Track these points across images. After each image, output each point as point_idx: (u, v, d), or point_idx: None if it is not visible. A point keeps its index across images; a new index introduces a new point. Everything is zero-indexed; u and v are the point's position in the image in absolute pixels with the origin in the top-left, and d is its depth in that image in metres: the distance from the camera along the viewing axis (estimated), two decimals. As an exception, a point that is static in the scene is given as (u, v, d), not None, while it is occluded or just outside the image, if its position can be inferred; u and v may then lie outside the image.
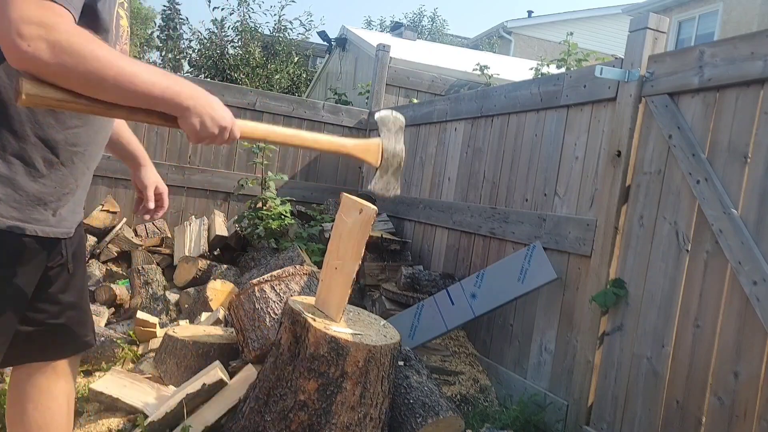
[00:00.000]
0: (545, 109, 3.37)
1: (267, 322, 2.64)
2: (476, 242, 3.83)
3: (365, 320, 2.39)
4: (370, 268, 4.24)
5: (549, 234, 3.16)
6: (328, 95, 9.04)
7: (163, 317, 3.87)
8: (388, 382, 2.22)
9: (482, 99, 3.95)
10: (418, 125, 4.80)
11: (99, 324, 3.46)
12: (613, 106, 2.86)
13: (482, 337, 3.65)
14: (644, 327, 2.57)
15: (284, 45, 14.12)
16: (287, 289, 2.78)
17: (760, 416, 2.09)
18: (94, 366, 3.13)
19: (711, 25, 13.19)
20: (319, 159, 5.76)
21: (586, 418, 2.80)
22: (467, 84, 6.86)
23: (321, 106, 5.75)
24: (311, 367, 2.09)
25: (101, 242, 4.65)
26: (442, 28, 26.45)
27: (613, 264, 2.76)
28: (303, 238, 4.54)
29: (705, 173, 2.36)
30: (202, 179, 5.32)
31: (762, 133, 2.19)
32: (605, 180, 2.85)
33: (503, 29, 19.03)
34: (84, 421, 2.49)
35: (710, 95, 2.41)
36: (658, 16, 2.77)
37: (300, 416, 2.10)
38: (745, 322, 2.17)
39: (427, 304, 3.46)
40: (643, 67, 2.71)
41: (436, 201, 4.36)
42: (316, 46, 16.35)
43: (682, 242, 2.45)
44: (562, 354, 3.02)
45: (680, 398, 2.38)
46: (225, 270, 4.26)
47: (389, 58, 6.47)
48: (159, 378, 2.81)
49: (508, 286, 3.20)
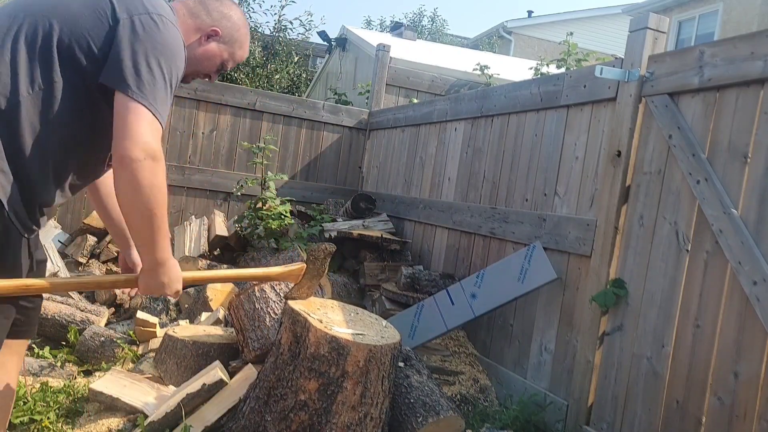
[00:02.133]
0: (545, 109, 3.37)
1: (267, 322, 2.64)
2: (476, 242, 3.83)
3: (365, 320, 2.39)
4: (370, 268, 4.24)
5: (549, 234, 3.16)
6: (328, 95, 9.04)
7: (163, 317, 3.86)
8: (389, 382, 2.22)
9: (482, 99, 3.95)
10: (418, 125, 4.80)
11: (99, 324, 3.46)
12: (613, 106, 2.86)
13: (482, 337, 3.65)
14: (644, 327, 2.57)
15: (284, 45, 14.10)
16: (287, 289, 2.78)
17: (760, 416, 2.09)
18: (94, 366, 3.13)
19: (711, 25, 13.18)
20: (319, 159, 5.76)
21: (586, 418, 2.80)
22: (467, 84, 6.86)
23: (321, 106, 5.75)
24: (312, 366, 2.09)
25: (101, 242, 4.65)
26: (442, 28, 26.42)
27: (613, 264, 2.76)
28: (303, 238, 4.54)
29: (705, 173, 2.36)
30: (202, 179, 5.32)
31: (762, 133, 2.19)
32: (605, 180, 2.85)
33: (503, 29, 19.02)
34: (84, 421, 2.49)
35: (710, 95, 2.41)
36: (658, 16, 2.77)
37: (300, 416, 2.10)
38: (745, 322, 2.17)
39: (427, 304, 3.46)
40: (643, 67, 2.71)
41: (436, 201, 4.36)
42: (316, 46, 16.34)
43: (682, 242, 2.45)
44: (562, 354, 3.02)
45: (680, 398, 2.38)
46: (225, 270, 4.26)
47: (389, 58, 6.47)
48: (159, 378, 2.81)
49: (508, 286, 3.20)
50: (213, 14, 1.79)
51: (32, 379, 2.85)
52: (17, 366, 1.84)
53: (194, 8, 1.78)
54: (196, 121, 5.32)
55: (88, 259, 4.57)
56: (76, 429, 2.43)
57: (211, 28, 1.78)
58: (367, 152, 5.81)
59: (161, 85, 1.51)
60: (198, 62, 1.80)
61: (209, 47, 1.79)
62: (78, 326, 3.38)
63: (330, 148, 5.78)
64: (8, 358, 1.77)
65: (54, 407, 2.52)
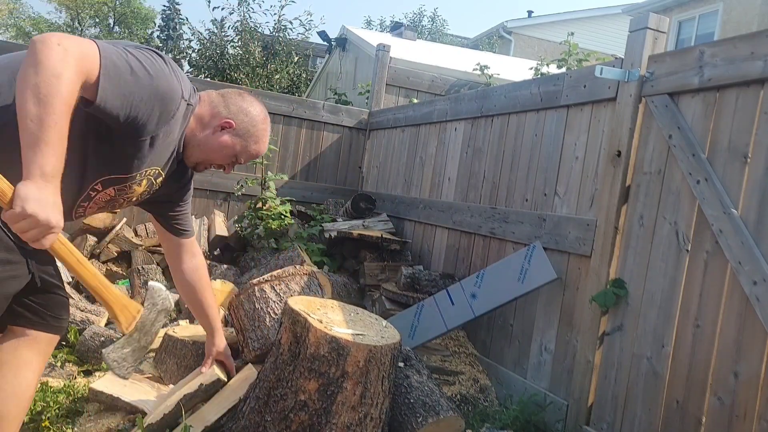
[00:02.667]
0: (545, 109, 3.37)
1: (267, 322, 2.64)
2: (476, 242, 3.83)
3: (365, 320, 2.39)
4: (370, 268, 4.24)
5: (549, 234, 3.16)
6: (328, 95, 9.04)
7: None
8: (389, 382, 2.22)
9: (482, 99, 3.95)
10: (418, 125, 4.80)
11: (99, 324, 3.46)
12: (613, 106, 2.86)
13: (482, 337, 3.65)
14: (644, 327, 2.57)
15: (284, 45, 14.11)
16: (287, 289, 2.78)
17: (760, 416, 2.09)
18: (94, 366, 3.13)
19: (711, 25, 13.18)
20: (319, 159, 5.76)
21: (586, 418, 2.80)
22: (467, 84, 6.86)
23: (321, 106, 5.75)
24: (312, 367, 2.09)
25: (101, 242, 4.65)
26: (442, 28, 26.44)
27: (613, 264, 2.76)
28: (303, 238, 4.54)
29: (705, 173, 2.36)
30: (202, 179, 5.32)
31: (762, 133, 2.19)
32: (605, 180, 2.85)
33: (503, 29, 19.03)
34: (84, 420, 2.49)
35: (710, 95, 2.41)
36: (658, 16, 2.77)
37: (300, 416, 2.10)
38: (745, 322, 2.17)
39: (427, 304, 3.46)
40: (643, 67, 2.71)
41: (436, 201, 4.36)
42: (316, 46, 16.35)
43: (682, 242, 2.45)
44: (562, 354, 3.02)
45: (680, 398, 2.38)
46: (225, 270, 4.26)
47: (389, 58, 6.48)
48: (159, 378, 2.81)
49: (508, 286, 3.20)
50: (231, 108, 1.85)
51: (32, 379, 2.85)
52: (40, 369, 1.78)
53: (216, 100, 1.86)
54: (196, 121, 5.31)
55: (88, 259, 4.57)
56: (76, 429, 2.43)
57: (225, 119, 1.83)
58: (367, 152, 5.81)
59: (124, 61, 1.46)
60: (210, 150, 1.84)
61: (222, 138, 1.83)
62: (78, 326, 3.38)
63: (330, 148, 5.78)
64: (33, 357, 1.74)
65: (54, 407, 2.52)
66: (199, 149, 1.84)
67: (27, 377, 1.73)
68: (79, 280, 1.71)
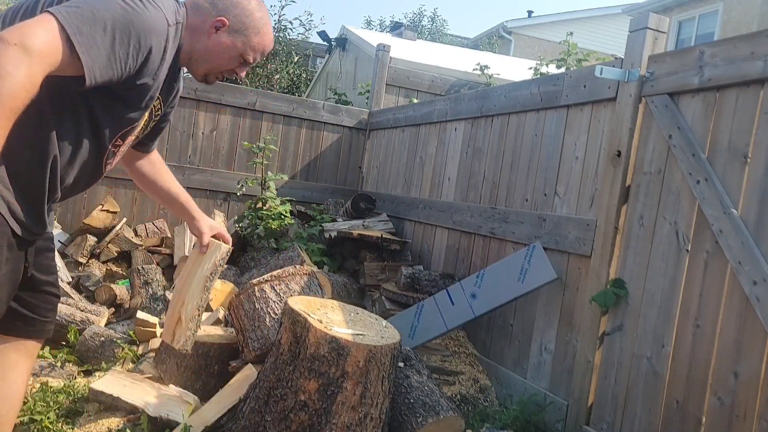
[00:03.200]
0: (545, 109, 3.37)
1: (267, 322, 2.64)
2: (476, 242, 3.83)
3: (365, 320, 2.39)
4: (370, 268, 4.24)
5: (549, 234, 3.16)
6: (328, 95, 9.04)
7: (163, 317, 3.86)
8: (389, 382, 2.22)
9: (482, 99, 3.95)
10: (418, 125, 4.80)
11: (99, 324, 3.46)
12: (613, 106, 2.86)
13: (482, 337, 3.65)
14: (644, 327, 2.57)
15: (284, 45, 14.10)
16: (287, 289, 2.78)
17: (760, 416, 2.09)
18: (94, 366, 3.13)
19: (711, 25, 13.18)
20: (319, 159, 5.76)
21: (586, 418, 2.80)
22: (467, 84, 6.86)
23: (321, 106, 5.75)
24: (312, 367, 2.09)
25: (101, 242, 4.65)
26: (442, 28, 26.43)
27: (613, 264, 2.76)
28: (303, 238, 4.54)
29: (705, 173, 2.36)
30: (202, 179, 5.33)
31: (762, 133, 2.19)
32: (605, 180, 2.85)
33: (503, 29, 19.03)
34: (84, 421, 2.49)
35: (710, 95, 2.41)
36: (658, 16, 2.77)
37: (300, 416, 2.10)
38: (745, 322, 2.17)
39: (427, 304, 3.46)
40: (643, 67, 2.71)
41: (436, 201, 4.36)
42: (316, 46, 16.33)
43: (682, 242, 2.45)
44: (562, 354, 3.02)
45: (680, 398, 2.38)
46: (225, 270, 4.26)
47: (389, 58, 6.48)
48: (159, 378, 2.81)
49: (508, 286, 3.20)
50: (219, 5, 1.67)
51: (32, 379, 2.85)
52: (28, 369, 1.80)
53: (201, 2, 1.68)
54: (196, 121, 5.32)
55: (88, 259, 4.57)
56: (76, 429, 2.43)
57: (216, 19, 1.66)
58: (367, 152, 5.81)
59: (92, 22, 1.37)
60: (212, 57, 1.69)
61: (220, 40, 1.67)
62: (78, 326, 3.38)
63: (330, 148, 5.78)
64: (19, 358, 1.75)
65: (54, 407, 2.52)
66: (202, 60, 1.70)
67: (15, 380, 1.74)
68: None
